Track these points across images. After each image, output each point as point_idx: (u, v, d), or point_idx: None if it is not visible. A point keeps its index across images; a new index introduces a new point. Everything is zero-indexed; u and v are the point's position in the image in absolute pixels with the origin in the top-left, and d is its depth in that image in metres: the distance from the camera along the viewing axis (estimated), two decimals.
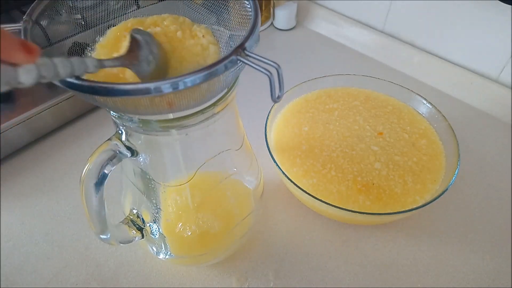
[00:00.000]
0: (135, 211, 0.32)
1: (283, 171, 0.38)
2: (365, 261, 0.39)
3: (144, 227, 0.32)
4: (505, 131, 0.52)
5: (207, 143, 0.29)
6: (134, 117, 0.24)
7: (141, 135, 0.26)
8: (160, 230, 0.32)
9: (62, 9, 0.25)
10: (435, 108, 0.44)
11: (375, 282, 0.37)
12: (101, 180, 0.25)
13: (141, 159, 0.27)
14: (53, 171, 0.48)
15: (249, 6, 0.24)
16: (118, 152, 0.26)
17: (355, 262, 0.39)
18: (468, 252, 0.39)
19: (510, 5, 0.47)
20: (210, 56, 0.25)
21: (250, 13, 0.23)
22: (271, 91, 0.20)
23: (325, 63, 0.65)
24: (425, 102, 0.45)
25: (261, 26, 0.71)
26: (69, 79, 0.18)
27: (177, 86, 0.18)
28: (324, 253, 0.39)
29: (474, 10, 0.53)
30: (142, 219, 0.32)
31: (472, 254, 0.39)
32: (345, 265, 0.38)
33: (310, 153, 0.42)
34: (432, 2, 0.56)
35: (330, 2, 0.71)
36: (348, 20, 0.69)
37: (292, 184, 0.37)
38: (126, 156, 0.26)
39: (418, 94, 0.46)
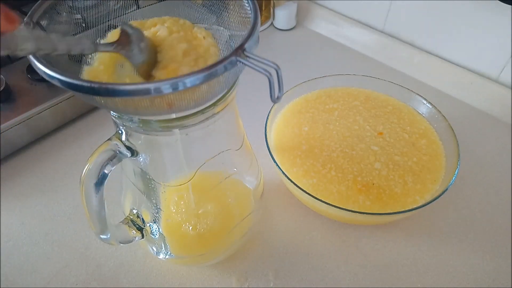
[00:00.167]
0: (135, 211, 0.32)
1: (283, 171, 0.38)
2: (365, 261, 0.39)
3: (144, 227, 0.32)
4: (505, 131, 0.52)
5: (207, 143, 0.30)
6: (134, 117, 0.24)
7: (141, 135, 0.26)
8: (160, 230, 0.32)
9: (62, 10, 0.25)
10: (435, 108, 0.44)
11: (375, 282, 0.37)
12: (101, 180, 0.25)
13: (141, 159, 0.27)
14: (53, 171, 0.48)
15: (249, 8, 0.24)
16: (118, 152, 0.26)
17: (355, 262, 0.39)
18: (468, 252, 0.39)
19: (510, 5, 0.47)
20: (211, 57, 0.25)
21: (250, 14, 0.23)
22: (270, 91, 0.20)
23: (325, 63, 0.65)
24: (425, 102, 0.45)
25: (261, 26, 0.71)
26: (69, 79, 0.18)
27: (177, 86, 0.18)
28: (324, 253, 0.39)
29: (474, 10, 0.53)
30: (142, 219, 0.32)
31: (472, 254, 0.39)
32: (345, 265, 0.38)
33: (310, 153, 0.42)
34: (432, 2, 0.56)
35: (330, 2, 0.71)
36: (348, 20, 0.69)
37: (292, 184, 0.37)
38: (126, 156, 0.26)
39: (418, 94, 0.46)
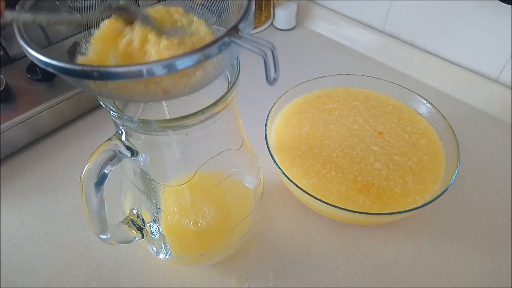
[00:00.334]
0: (135, 211, 0.32)
1: (283, 171, 0.38)
2: (365, 261, 0.39)
3: (144, 227, 0.32)
4: (505, 131, 0.52)
5: (207, 143, 0.29)
6: (134, 117, 0.24)
7: (141, 135, 0.26)
8: (160, 230, 0.32)
9: (63, 11, 0.25)
10: (435, 108, 0.44)
11: (375, 282, 0.37)
12: (101, 180, 0.25)
13: (141, 159, 0.27)
14: (53, 171, 0.48)
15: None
16: (118, 152, 0.26)
17: (355, 262, 0.39)
18: (468, 252, 0.39)
19: (510, 5, 0.47)
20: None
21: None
22: (266, 73, 0.19)
23: (325, 63, 0.65)
24: (425, 102, 0.45)
25: (261, 26, 0.71)
26: (60, 63, 0.18)
27: (170, 67, 0.18)
28: (324, 253, 0.39)
29: (474, 10, 0.53)
30: (142, 219, 0.32)
31: (472, 254, 0.39)
32: (345, 265, 0.38)
33: (310, 153, 0.42)
34: (432, 2, 0.56)
35: (330, 2, 0.71)
36: (348, 20, 0.69)
37: (292, 184, 0.37)
38: (126, 156, 0.26)
39: (418, 94, 0.46)
